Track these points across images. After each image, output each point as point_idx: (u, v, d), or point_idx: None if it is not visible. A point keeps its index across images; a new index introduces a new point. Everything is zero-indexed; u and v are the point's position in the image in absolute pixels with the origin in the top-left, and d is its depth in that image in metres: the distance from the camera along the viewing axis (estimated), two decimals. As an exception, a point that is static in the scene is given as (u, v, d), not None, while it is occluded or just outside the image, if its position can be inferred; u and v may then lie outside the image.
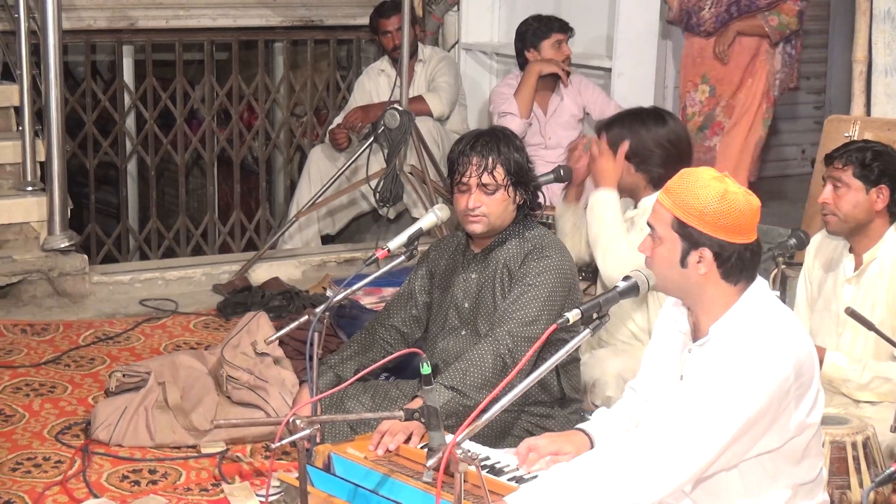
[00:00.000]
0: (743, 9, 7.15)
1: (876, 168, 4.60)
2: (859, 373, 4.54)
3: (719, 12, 7.18)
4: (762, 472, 3.39)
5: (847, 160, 4.66)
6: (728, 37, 7.16)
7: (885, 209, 4.62)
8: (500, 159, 4.45)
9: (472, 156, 4.47)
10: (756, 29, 7.16)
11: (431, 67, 8.01)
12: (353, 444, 3.92)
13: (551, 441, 3.66)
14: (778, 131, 10.34)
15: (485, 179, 4.45)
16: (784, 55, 7.26)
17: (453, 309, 4.61)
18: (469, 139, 4.56)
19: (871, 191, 4.60)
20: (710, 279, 3.36)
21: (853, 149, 4.70)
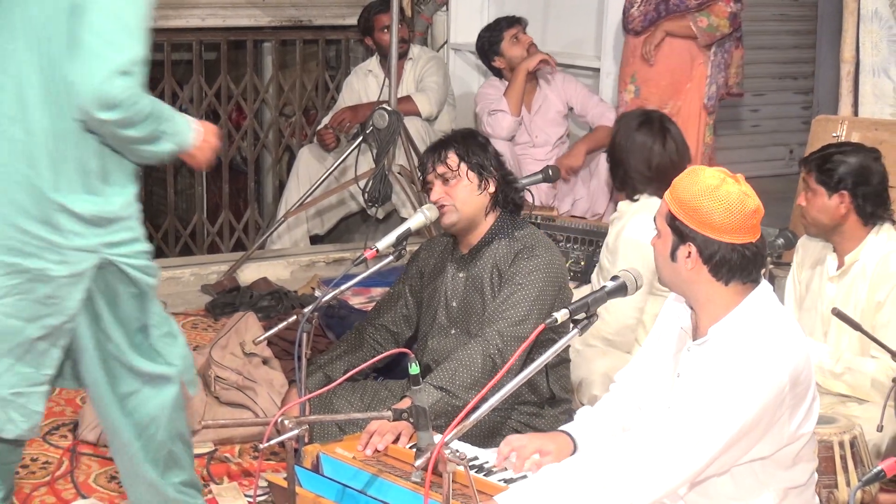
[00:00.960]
0: (672, 8, 6.93)
1: (835, 174, 4.62)
2: (832, 363, 4.55)
3: (647, 11, 7.00)
4: (754, 478, 3.39)
5: (810, 166, 4.70)
6: (655, 37, 6.94)
7: (854, 213, 4.63)
8: (452, 147, 4.51)
9: (428, 157, 4.56)
10: (684, 30, 6.93)
11: (420, 67, 8.01)
12: (341, 444, 3.92)
13: (533, 440, 3.65)
14: (766, 131, 10.38)
15: (440, 169, 4.49)
16: (720, 60, 7.03)
17: (442, 308, 4.62)
18: (431, 144, 4.66)
19: (832, 196, 4.63)
20: (699, 276, 3.36)
21: (817, 154, 4.73)
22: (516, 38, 7.57)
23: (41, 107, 3.48)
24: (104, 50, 3.36)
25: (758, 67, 10.23)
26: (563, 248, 6.09)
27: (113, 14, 3.41)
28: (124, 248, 3.58)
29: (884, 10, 6.24)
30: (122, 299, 3.60)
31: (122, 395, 3.67)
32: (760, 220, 3.37)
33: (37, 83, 3.48)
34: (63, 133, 3.48)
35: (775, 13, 10.19)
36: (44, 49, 3.47)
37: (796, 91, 10.45)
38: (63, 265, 3.50)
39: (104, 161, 3.53)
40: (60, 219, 3.48)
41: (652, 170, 5.01)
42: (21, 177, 3.48)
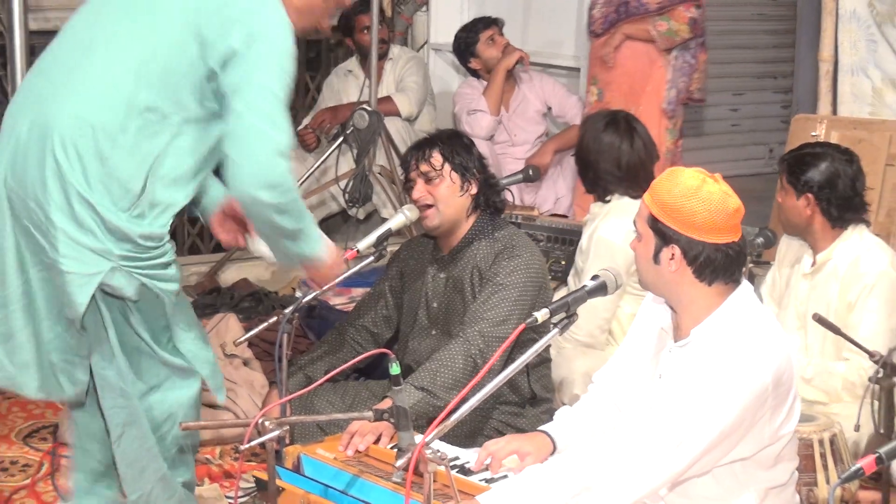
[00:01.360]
0: (632, 11, 6.90)
1: (801, 177, 4.65)
2: (803, 367, 4.57)
3: (608, 13, 6.97)
4: (735, 478, 3.39)
5: (782, 166, 4.74)
6: (614, 40, 6.92)
7: (820, 215, 4.66)
8: (436, 147, 4.50)
9: (412, 154, 4.55)
10: (643, 33, 6.88)
11: (400, 67, 8.01)
12: (322, 444, 3.91)
13: (510, 441, 3.65)
14: (745, 130, 10.40)
15: (423, 168, 4.49)
16: (682, 65, 6.95)
17: (423, 309, 4.61)
18: (414, 142, 4.65)
19: (799, 197, 4.66)
20: (683, 277, 3.36)
21: (792, 154, 4.76)
22: (492, 39, 7.59)
23: (112, 105, 3.49)
24: (265, 127, 3.40)
25: (737, 67, 10.27)
26: (543, 247, 6.10)
27: (268, 89, 3.43)
28: (140, 262, 3.56)
29: (862, 11, 6.27)
30: (143, 300, 3.60)
31: (145, 390, 3.68)
32: (741, 219, 3.37)
33: (126, 84, 3.49)
34: (121, 140, 3.48)
35: (754, 13, 10.23)
36: (143, 56, 3.50)
37: (776, 90, 10.49)
38: (75, 262, 3.50)
39: (153, 192, 3.53)
40: (85, 216, 3.48)
41: (622, 169, 5.04)
42: (53, 161, 3.47)
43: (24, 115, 3.60)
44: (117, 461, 3.77)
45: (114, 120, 3.50)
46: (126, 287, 3.55)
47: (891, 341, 4.40)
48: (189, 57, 3.50)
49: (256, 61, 3.46)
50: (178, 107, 3.52)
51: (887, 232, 5.49)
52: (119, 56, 3.55)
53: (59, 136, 3.49)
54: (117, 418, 3.70)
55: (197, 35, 3.49)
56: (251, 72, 3.45)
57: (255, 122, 3.42)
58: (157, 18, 3.56)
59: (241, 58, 3.46)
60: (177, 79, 3.52)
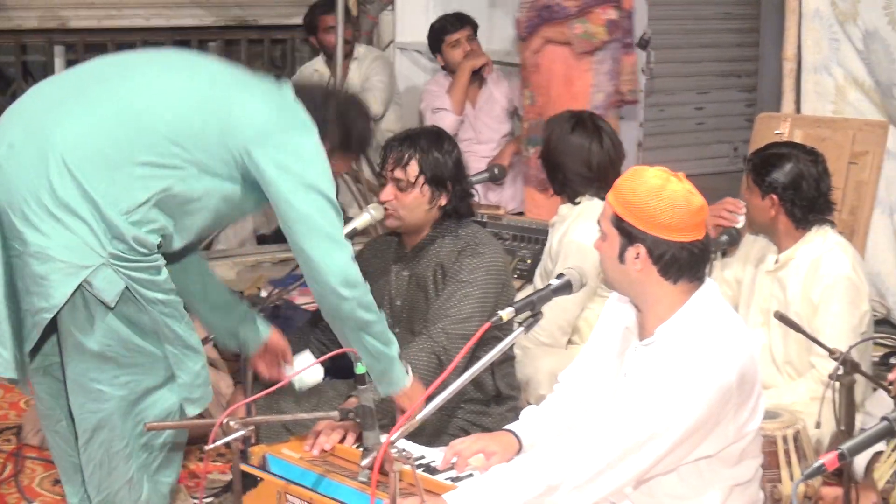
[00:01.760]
0: (553, 14, 6.83)
1: (766, 177, 4.67)
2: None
3: (531, 17, 6.91)
4: (699, 476, 3.41)
5: (747, 166, 4.76)
6: (534, 44, 6.88)
7: (785, 216, 4.68)
8: (417, 156, 4.45)
9: (393, 150, 4.50)
10: (562, 37, 6.82)
11: (366, 67, 8.01)
12: (288, 444, 3.91)
13: (476, 441, 3.65)
14: (710, 129, 10.44)
15: (397, 174, 4.46)
16: (606, 68, 6.87)
17: (386, 307, 4.60)
18: (399, 134, 4.60)
19: (764, 198, 4.68)
20: (648, 276, 3.37)
21: (759, 154, 4.78)
22: (456, 44, 7.60)
23: (118, 122, 3.58)
24: (335, 234, 3.70)
25: (701, 66, 10.32)
26: (509, 246, 6.10)
27: (315, 189, 3.65)
28: (129, 263, 3.57)
29: (825, 9, 6.30)
30: (125, 305, 3.61)
31: (141, 392, 3.69)
32: (705, 217, 3.39)
33: (135, 108, 3.61)
34: (126, 154, 3.56)
35: (718, 12, 10.27)
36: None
37: (740, 89, 10.54)
38: (66, 250, 3.51)
39: (153, 211, 3.59)
40: (83, 206, 3.52)
41: (593, 170, 5.03)
42: (58, 156, 3.53)
43: (26, 118, 3.66)
44: (83, 463, 3.76)
45: (126, 153, 3.57)
46: (107, 289, 3.54)
47: (853, 341, 4.42)
48: (213, 133, 3.63)
49: (296, 165, 3.64)
50: (197, 160, 3.63)
51: (851, 229, 5.52)
52: (154, 102, 3.65)
53: (65, 147, 3.55)
54: (86, 423, 3.69)
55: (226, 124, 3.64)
56: (294, 173, 3.64)
57: (324, 226, 3.67)
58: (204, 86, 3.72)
59: (288, 168, 3.64)
60: (200, 141, 3.63)
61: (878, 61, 6.12)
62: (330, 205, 3.68)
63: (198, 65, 3.87)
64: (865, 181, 5.58)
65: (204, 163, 3.62)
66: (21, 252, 3.54)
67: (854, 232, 5.54)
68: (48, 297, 3.53)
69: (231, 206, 3.75)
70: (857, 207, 5.63)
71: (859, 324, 4.63)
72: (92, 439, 3.70)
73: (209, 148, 3.61)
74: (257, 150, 3.62)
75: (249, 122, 3.64)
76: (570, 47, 6.79)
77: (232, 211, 3.80)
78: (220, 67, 3.88)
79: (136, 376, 3.66)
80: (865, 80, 6.25)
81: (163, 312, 3.62)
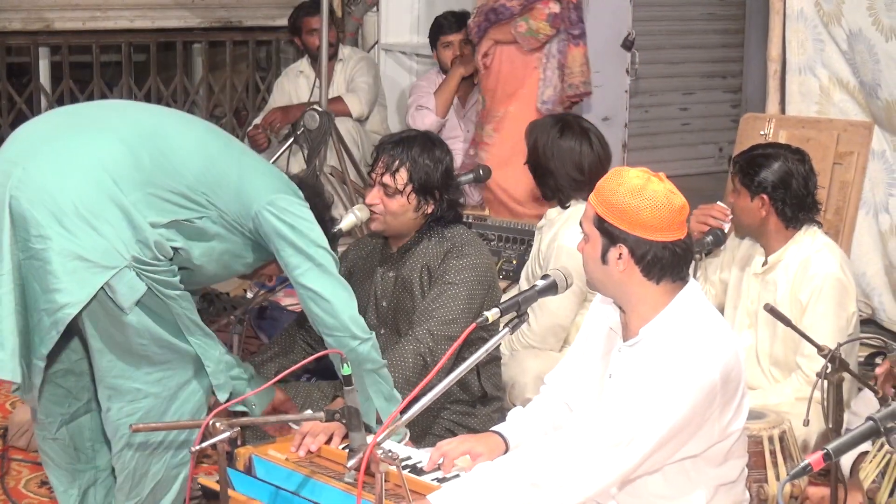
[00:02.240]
0: (499, 16, 6.83)
1: (755, 178, 4.67)
2: None
3: (479, 21, 6.91)
4: (685, 475, 3.41)
5: (735, 167, 4.76)
6: (483, 46, 6.88)
7: (775, 216, 4.68)
8: (407, 163, 4.44)
9: (384, 153, 4.49)
10: (508, 36, 6.80)
11: (350, 68, 8.00)
12: (274, 445, 3.90)
13: (462, 442, 3.64)
14: (695, 129, 10.46)
15: (385, 180, 4.46)
16: (554, 62, 6.81)
17: (372, 308, 4.61)
18: (393, 137, 4.59)
19: (754, 199, 4.68)
20: (631, 277, 3.37)
21: (745, 156, 4.78)
22: (448, 46, 7.60)
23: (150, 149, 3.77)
24: (346, 284, 3.94)
25: (687, 66, 10.33)
26: (494, 247, 6.11)
27: (316, 245, 3.89)
28: (150, 268, 3.69)
29: (809, 10, 6.31)
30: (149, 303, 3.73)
31: (174, 388, 3.83)
32: (687, 216, 3.39)
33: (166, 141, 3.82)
34: (160, 179, 3.74)
35: (703, 12, 10.29)
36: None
37: (725, 90, 10.55)
38: (93, 250, 3.60)
39: (178, 231, 3.76)
40: (112, 210, 3.64)
41: (585, 173, 5.00)
42: (99, 168, 3.68)
43: (66, 132, 3.82)
44: (117, 470, 3.87)
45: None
46: (127, 294, 3.64)
47: (840, 341, 4.43)
48: (231, 188, 3.84)
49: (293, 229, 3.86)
50: (217, 207, 3.83)
51: (836, 230, 5.53)
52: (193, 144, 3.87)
53: (103, 156, 3.71)
54: (123, 427, 3.78)
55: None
56: (302, 232, 3.86)
57: (337, 288, 3.89)
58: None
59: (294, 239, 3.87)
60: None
61: (862, 62, 6.14)
62: (333, 258, 3.92)
63: (209, 126, 4.10)
64: (850, 182, 5.60)
65: (222, 211, 3.80)
66: (42, 249, 3.59)
67: (839, 232, 5.55)
68: (71, 293, 3.60)
69: (231, 258, 3.93)
70: (842, 208, 5.64)
71: (847, 325, 4.64)
72: (128, 444, 3.80)
73: (227, 201, 3.80)
74: (267, 209, 3.82)
75: (262, 185, 3.86)
76: (518, 46, 6.78)
77: (231, 262, 3.96)
78: (225, 135, 4.11)
79: (168, 372, 3.79)
80: (850, 80, 6.26)
81: (182, 306, 3.75)
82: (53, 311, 3.62)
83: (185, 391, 3.84)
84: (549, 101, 6.78)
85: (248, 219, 3.83)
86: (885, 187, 6.27)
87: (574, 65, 6.79)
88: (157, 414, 3.79)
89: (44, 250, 3.59)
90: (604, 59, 8.29)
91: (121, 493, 3.86)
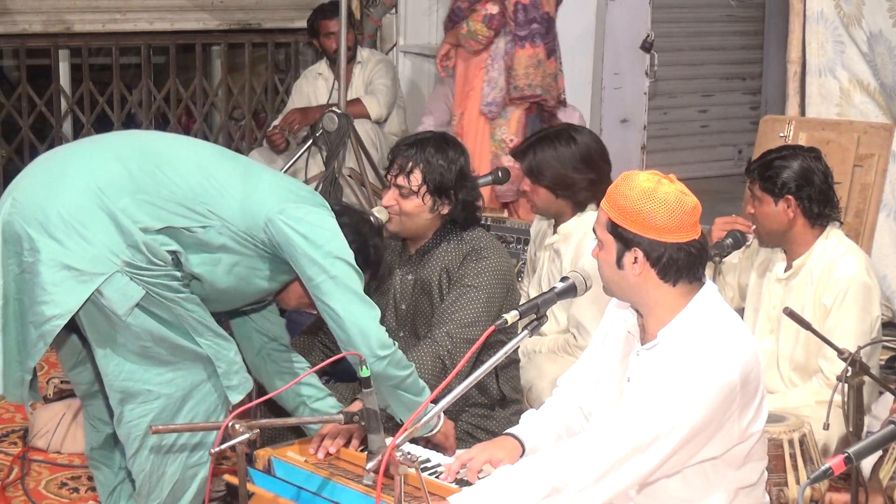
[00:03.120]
0: (452, 19, 6.88)
1: (777, 181, 4.64)
2: None
3: (445, 23, 6.98)
4: (704, 478, 3.40)
5: (754, 174, 4.72)
6: (442, 50, 6.91)
7: (802, 217, 4.66)
8: (421, 165, 4.43)
9: (400, 155, 4.49)
10: (457, 39, 6.83)
11: (369, 70, 8.00)
12: (293, 447, 3.91)
13: (482, 450, 3.62)
14: (714, 131, 10.44)
15: (400, 181, 4.45)
16: (499, 64, 6.77)
17: (391, 310, 4.60)
18: (408, 138, 4.59)
19: (778, 202, 4.65)
20: (648, 280, 3.36)
21: (758, 163, 4.74)
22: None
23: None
24: (365, 298, 3.87)
25: (706, 68, 10.32)
26: (513, 249, 6.10)
27: (341, 260, 3.86)
28: (144, 272, 3.67)
29: (829, 12, 6.30)
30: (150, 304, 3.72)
31: (188, 388, 3.82)
32: (699, 216, 3.38)
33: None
34: (153, 187, 3.73)
35: (722, 14, 10.27)
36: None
37: (744, 91, 10.53)
38: (82, 259, 3.59)
39: (171, 237, 3.72)
40: (100, 217, 3.64)
41: (585, 161, 4.91)
42: (88, 177, 3.69)
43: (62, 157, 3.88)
44: (133, 473, 3.87)
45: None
46: (119, 301, 3.62)
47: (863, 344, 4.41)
48: (236, 200, 3.82)
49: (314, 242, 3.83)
50: (221, 218, 3.80)
51: (856, 232, 5.51)
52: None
53: (93, 171, 3.72)
54: (137, 430, 3.79)
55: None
56: (317, 242, 3.83)
57: (353, 304, 3.84)
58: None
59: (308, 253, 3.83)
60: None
61: (882, 64, 6.12)
62: (356, 272, 3.86)
63: (214, 146, 4.12)
64: (870, 184, 5.57)
65: (227, 221, 3.78)
66: (32, 262, 3.59)
67: (859, 235, 5.53)
68: (59, 304, 3.59)
69: (246, 270, 3.88)
70: (862, 210, 5.61)
71: (871, 329, 4.62)
72: (143, 446, 3.79)
73: (231, 212, 3.77)
74: (279, 218, 3.79)
75: (270, 195, 3.83)
76: (475, 50, 6.79)
77: (248, 275, 3.91)
78: (230, 152, 4.12)
79: (180, 372, 3.78)
80: (870, 82, 6.24)
81: (187, 308, 3.73)
82: (40, 323, 3.63)
83: (200, 391, 3.83)
84: (494, 104, 6.76)
85: (258, 230, 3.80)
86: (906, 189, 6.26)
87: (519, 67, 6.72)
88: (170, 414, 3.78)
89: (34, 263, 3.60)
90: (622, 61, 8.32)
91: (140, 496, 3.87)
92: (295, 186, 3.99)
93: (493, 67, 6.77)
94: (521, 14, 6.68)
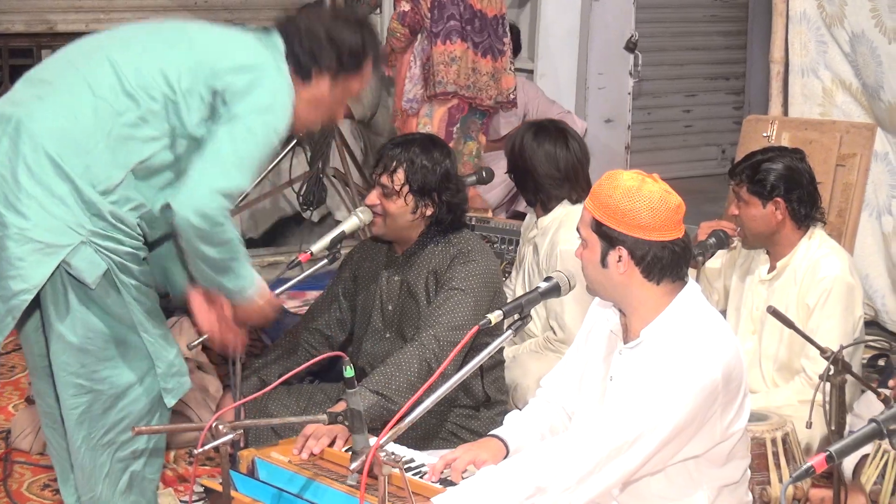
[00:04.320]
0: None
1: (766, 183, 4.65)
2: None
3: None
4: (687, 476, 3.41)
5: (741, 177, 4.72)
6: (386, 48, 6.87)
7: (790, 218, 4.67)
8: (405, 164, 4.42)
9: (385, 154, 4.49)
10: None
11: (353, 70, 7.99)
12: (277, 448, 3.90)
13: (467, 451, 3.62)
14: (698, 131, 10.46)
15: (383, 180, 4.45)
16: (419, 61, 6.79)
17: (377, 311, 4.60)
18: (395, 138, 4.60)
19: (767, 205, 4.66)
20: (632, 279, 3.37)
21: (746, 164, 4.75)
22: None
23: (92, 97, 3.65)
24: (229, 164, 3.62)
25: (689, 68, 10.34)
26: (497, 249, 6.11)
27: (252, 133, 3.67)
28: (111, 243, 3.60)
29: (812, 12, 6.32)
30: (102, 290, 3.63)
31: (133, 381, 3.73)
32: (683, 215, 3.39)
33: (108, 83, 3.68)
34: (101, 129, 3.61)
35: (706, 14, 10.29)
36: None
37: (728, 91, 10.55)
38: (45, 231, 3.53)
39: (130, 187, 3.63)
40: (60, 185, 3.55)
41: (561, 171, 5.00)
42: (34, 137, 3.58)
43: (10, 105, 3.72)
44: (73, 462, 3.79)
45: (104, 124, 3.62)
46: (88, 269, 3.57)
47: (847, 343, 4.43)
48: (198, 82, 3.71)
49: (256, 103, 3.69)
50: (173, 124, 3.68)
51: (838, 232, 5.53)
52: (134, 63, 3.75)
53: (40, 132, 3.60)
54: (70, 419, 3.72)
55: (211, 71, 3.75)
56: (247, 112, 3.67)
57: (221, 154, 3.63)
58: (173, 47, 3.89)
59: (242, 96, 3.68)
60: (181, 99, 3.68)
61: (865, 64, 6.14)
62: (264, 145, 3.72)
63: (181, 29, 4.15)
64: (853, 183, 5.59)
65: (178, 127, 3.67)
66: (1, 237, 3.55)
67: (842, 234, 5.55)
68: (26, 279, 3.55)
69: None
70: (845, 210, 5.63)
71: (853, 329, 4.64)
72: (75, 436, 3.72)
73: (185, 96, 3.67)
74: (219, 82, 3.71)
75: (225, 60, 3.82)
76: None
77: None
78: (202, 28, 4.17)
79: (116, 370, 3.70)
80: (853, 82, 6.26)
81: (135, 298, 3.65)
82: (7, 298, 3.58)
83: (134, 392, 3.73)
84: (414, 100, 6.78)
85: (205, 86, 3.70)
86: (888, 189, 6.28)
87: (434, 63, 6.72)
88: (101, 410, 3.70)
89: (2, 237, 3.56)
90: (607, 61, 8.32)
91: (80, 487, 3.81)
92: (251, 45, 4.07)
93: (416, 64, 6.78)
94: (435, 11, 6.68)
